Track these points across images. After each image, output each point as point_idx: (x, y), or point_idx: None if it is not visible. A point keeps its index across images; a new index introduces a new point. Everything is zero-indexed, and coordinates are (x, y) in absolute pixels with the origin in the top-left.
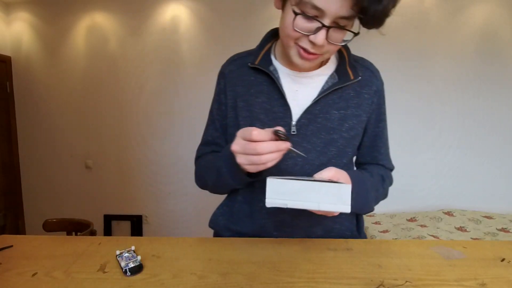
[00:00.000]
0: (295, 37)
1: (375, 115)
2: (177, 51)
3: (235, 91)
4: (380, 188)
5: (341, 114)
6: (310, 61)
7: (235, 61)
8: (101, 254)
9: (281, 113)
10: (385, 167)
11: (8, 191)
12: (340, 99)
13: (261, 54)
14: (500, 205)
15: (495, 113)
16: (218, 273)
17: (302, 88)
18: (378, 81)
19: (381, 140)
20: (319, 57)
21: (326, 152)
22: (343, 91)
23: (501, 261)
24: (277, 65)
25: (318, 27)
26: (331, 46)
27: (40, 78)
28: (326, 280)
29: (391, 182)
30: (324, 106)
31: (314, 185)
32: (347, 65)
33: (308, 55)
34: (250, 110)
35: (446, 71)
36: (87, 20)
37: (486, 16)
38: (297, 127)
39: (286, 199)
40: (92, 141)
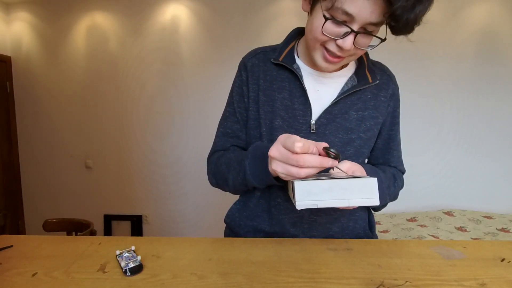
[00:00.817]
0: (323, 41)
1: (390, 118)
2: (177, 51)
3: (257, 84)
4: (391, 186)
5: (359, 115)
6: (334, 64)
7: (258, 54)
8: (101, 254)
9: (301, 110)
10: (397, 169)
11: (8, 191)
12: (359, 101)
13: (286, 51)
14: (500, 205)
15: (495, 113)
16: (218, 273)
17: (323, 88)
18: (394, 85)
19: (394, 143)
20: (343, 60)
21: (344, 152)
22: (361, 93)
23: (501, 261)
24: (300, 63)
25: (347, 31)
26: (357, 50)
27: (40, 78)
28: (326, 280)
29: (402, 185)
30: (343, 107)
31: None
32: (366, 68)
33: (334, 58)
34: (272, 105)
35: (446, 71)
36: (87, 20)
37: (486, 16)
38: (316, 126)
39: (315, 199)
40: (92, 141)
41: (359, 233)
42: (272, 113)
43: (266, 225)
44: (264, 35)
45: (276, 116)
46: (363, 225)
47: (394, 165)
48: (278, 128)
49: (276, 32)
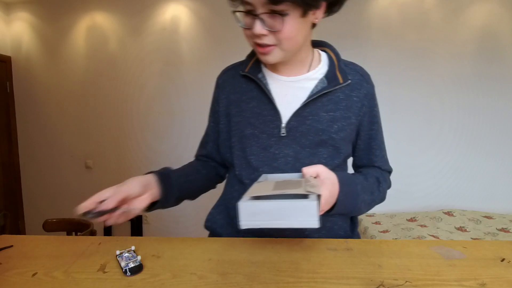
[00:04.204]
0: (248, 36)
1: (367, 118)
2: (177, 51)
3: (228, 98)
4: (375, 190)
5: (330, 116)
6: (267, 54)
7: (229, 70)
8: (101, 254)
9: (271, 116)
10: (381, 169)
11: (8, 191)
12: (329, 102)
13: (251, 62)
14: (500, 205)
15: (495, 113)
16: (218, 273)
17: (291, 92)
18: (369, 85)
19: (376, 143)
20: (274, 49)
21: (316, 153)
22: (332, 95)
23: (501, 261)
24: (266, 72)
25: (252, 18)
26: (277, 35)
27: (40, 78)
28: (326, 280)
29: (389, 185)
30: (313, 109)
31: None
32: (337, 69)
33: (262, 48)
34: (242, 115)
35: (446, 71)
36: (87, 20)
37: (486, 16)
38: (287, 129)
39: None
40: (92, 141)
41: (338, 234)
42: (243, 123)
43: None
44: None
45: (246, 125)
46: (343, 226)
47: (378, 165)
48: (249, 136)
49: None
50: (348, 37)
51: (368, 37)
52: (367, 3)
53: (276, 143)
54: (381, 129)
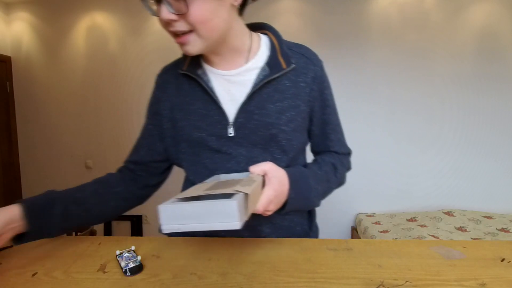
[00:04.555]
0: (163, 26)
1: (318, 102)
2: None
3: (171, 101)
4: (332, 177)
5: (277, 107)
6: (185, 44)
7: (169, 70)
8: (101, 254)
9: (217, 116)
10: (338, 153)
11: (8, 191)
12: (276, 92)
13: (188, 59)
14: (500, 205)
15: (495, 113)
16: (218, 273)
17: (234, 87)
18: (316, 67)
19: (330, 127)
20: (191, 36)
21: (268, 148)
22: (278, 83)
23: (501, 261)
24: (206, 67)
25: (156, 4)
26: (188, 19)
27: (40, 78)
28: (326, 280)
29: (349, 167)
30: (259, 102)
31: (204, 205)
32: (279, 54)
33: (179, 38)
34: (188, 118)
35: (446, 71)
36: (87, 20)
37: (486, 15)
38: (235, 128)
39: (179, 223)
40: (92, 141)
41: (295, 230)
42: (189, 127)
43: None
44: None
45: (194, 129)
46: (300, 221)
47: (335, 150)
48: (199, 140)
49: None
50: (348, 37)
51: (368, 37)
52: (367, 3)
53: (226, 144)
54: (334, 112)
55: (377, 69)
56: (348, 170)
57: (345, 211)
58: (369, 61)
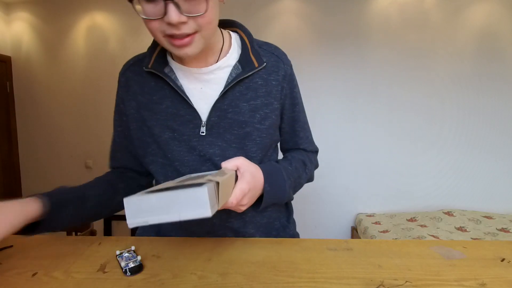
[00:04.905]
0: (156, 28)
1: (288, 100)
2: None
3: (136, 100)
4: (302, 173)
5: (251, 105)
6: (187, 46)
7: (132, 66)
8: (101, 254)
9: (189, 115)
10: (307, 150)
11: (8, 191)
12: (248, 90)
13: (154, 55)
14: (500, 205)
15: (495, 113)
16: (218, 273)
17: (206, 85)
18: (286, 66)
19: (299, 124)
20: (195, 37)
21: (243, 147)
22: (250, 81)
23: (501, 261)
24: (174, 65)
25: (164, 4)
26: (197, 19)
27: (40, 78)
28: (326, 280)
29: (316, 165)
30: (232, 100)
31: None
32: (250, 52)
33: (181, 40)
34: (156, 118)
35: (446, 71)
36: (87, 20)
37: (486, 16)
38: (208, 127)
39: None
40: (92, 141)
41: (274, 225)
42: (159, 127)
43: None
44: (264, 35)
45: (163, 129)
46: (278, 217)
47: (303, 147)
48: (169, 140)
49: (276, 32)
50: (348, 37)
51: (368, 37)
52: (367, 3)
53: (199, 144)
54: (303, 110)
55: (377, 69)
56: (316, 167)
57: (345, 211)
58: (369, 61)
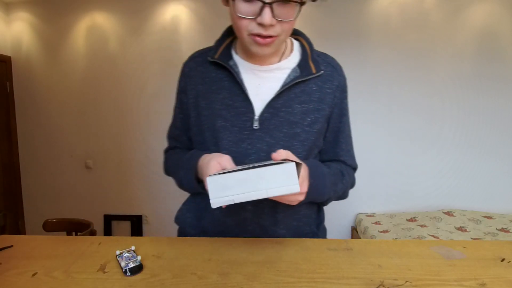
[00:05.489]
0: (244, 26)
1: (337, 110)
2: (177, 51)
3: (196, 89)
4: (338, 182)
5: (303, 108)
6: (267, 46)
7: (196, 58)
8: (101, 254)
9: (243, 108)
10: (346, 163)
11: (8, 191)
12: (303, 93)
13: (221, 48)
14: (500, 205)
15: (495, 113)
16: (218, 273)
17: (264, 82)
18: (340, 77)
19: (343, 136)
20: (276, 40)
21: (290, 146)
22: (306, 85)
23: (501, 261)
24: (238, 59)
25: (261, 6)
26: (283, 24)
27: (40, 78)
28: (326, 280)
29: (353, 182)
30: (286, 100)
31: (259, 172)
32: (309, 59)
33: (264, 39)
34: (212, 107)
35: (446, 71)
36: (87, 20)
37: (486, 16)
38: (260, 122)
39: (231, 194)
40: (92, 141)
41: (304, 231)
42: (213, 116)
43: (211, 227)
44: None
45: (217, 118)
46: (308, 222)
47: (344, 159)
48: (221, 129)
49: None
50: (348, 37)
51: (368, 37)
52: (367, 3)
53: (248, 137)
54: (349, 124)
55: (377, 69)
56: (352, 186)
57: (345, 211)
58: (369, 61)
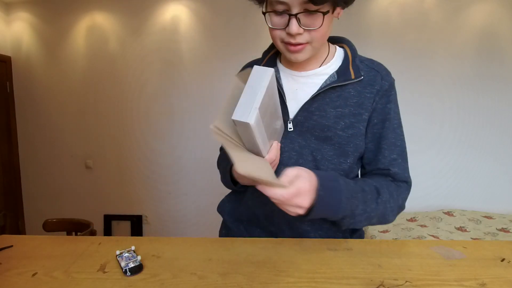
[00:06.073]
0: (277, 36)
1: (377, 114)
2: (177, 51)
3: None
4: (371, 202)
5: (337, 112)
6: (298, 52)
7: (248, 65)
8: (101, 254)
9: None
10: (391, 173)
11: (8, 191)
12: (339, 98)
13: (267, 57)
14: (500, 205)
15: (495, 113)
16: (218, 273)
17: (302, 87)
18: (384, 81)
19: (386, 142)
20: (306, 46)
21: (320, 149)
22: (343, 90)
23: (501, 261)
24: (280, 67)
25: (288, 18)
26: (312, 33)
27: (40, 78)
28: (326, 280)
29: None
30: (321, 104)
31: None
32: (350, 65)
33: (294, 47)
34: None
35: (446, 71)
36: (87, 20)
37: (486, 16)
38: (294, 124)
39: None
40: (92, 141)
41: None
42: None
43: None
44: (264, 35)
45: None
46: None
47: (387, 167)
48: None
49: None
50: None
51: (368, 37)
52: (367, 3)
53: (283, 137)
54: (397, 131)
55: None
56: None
57: None
58: None
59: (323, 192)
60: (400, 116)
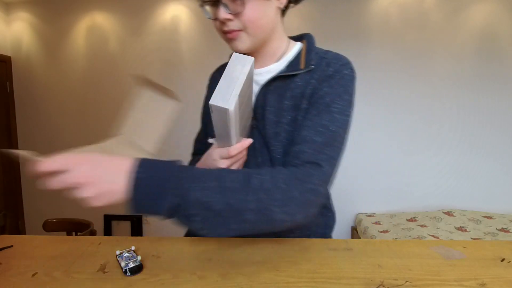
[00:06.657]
0: (217, 27)
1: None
2: (177, 51)
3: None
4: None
5: (285, 105)
6: (234, 40)
7: (220, 68)
8: (101, 254)
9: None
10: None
11: (8, 191)
12: (287, 90)
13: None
14: (500, 205)
15: (495, 113)
16: (218, 273)
17: (255, 86)
18: (329, 68)
19: (308, 124)
20: (240, 34)
21: (269, 147)
22: (291, 81)
23: (501, 261)
24: None
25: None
26: (241, 18)
27: (40, 78)
28: (326, 280)
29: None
30: (270, 100)
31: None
32: (302, 56)
33: (230, 34)
34: None
35: (446, 71)
36: (87, 20)
37: (486, 16)
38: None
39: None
40: (92, 141)
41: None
42: None
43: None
44: None
45: None
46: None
47: (294, 150)
48: None
49: None
50: (348, 37)
51: (368, 37)
52: (367, 3)
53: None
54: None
55: (377, 69)
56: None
57: (345, 211)
58: (369, 61)
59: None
60: (350, 104)
